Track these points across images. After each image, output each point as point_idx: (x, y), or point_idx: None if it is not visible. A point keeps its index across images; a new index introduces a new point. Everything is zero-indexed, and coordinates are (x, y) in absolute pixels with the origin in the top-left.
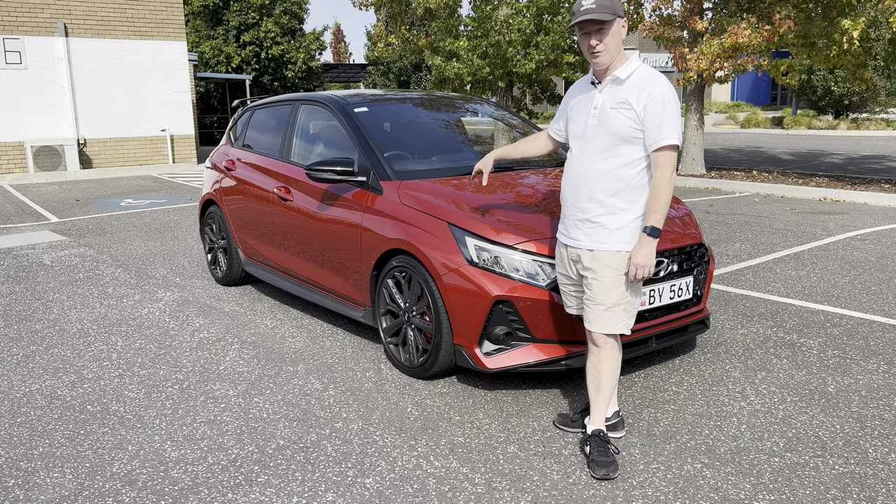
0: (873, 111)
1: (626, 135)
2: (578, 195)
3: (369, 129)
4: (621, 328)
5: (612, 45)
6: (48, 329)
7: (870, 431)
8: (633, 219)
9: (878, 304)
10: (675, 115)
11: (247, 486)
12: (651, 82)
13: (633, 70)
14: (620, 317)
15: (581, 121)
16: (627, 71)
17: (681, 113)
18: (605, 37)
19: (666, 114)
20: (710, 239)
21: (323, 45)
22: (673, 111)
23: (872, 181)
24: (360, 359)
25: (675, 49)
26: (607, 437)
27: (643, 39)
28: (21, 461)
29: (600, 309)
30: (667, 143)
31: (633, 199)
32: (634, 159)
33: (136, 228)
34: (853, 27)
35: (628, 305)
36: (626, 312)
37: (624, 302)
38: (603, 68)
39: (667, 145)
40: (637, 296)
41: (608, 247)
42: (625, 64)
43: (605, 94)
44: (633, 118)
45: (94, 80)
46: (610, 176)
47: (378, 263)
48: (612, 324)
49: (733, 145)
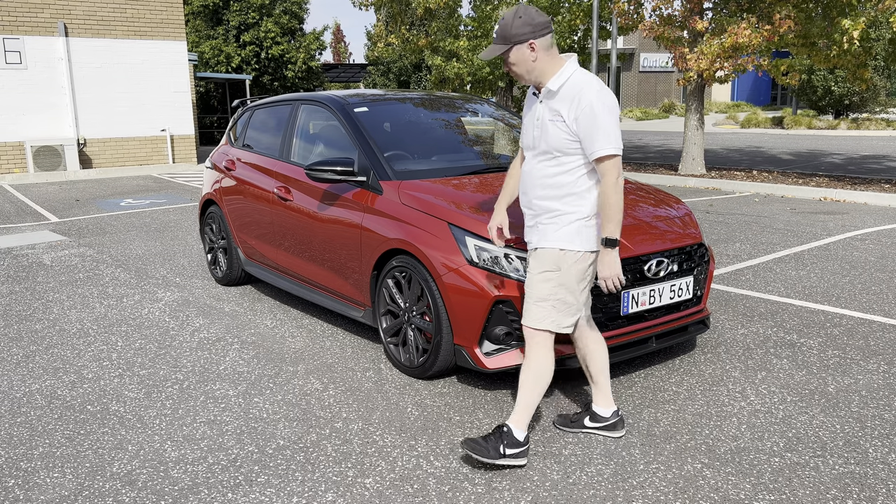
0: (873, 111)
1: (562, 147)
2: (529, 200)
3: (369, 129)
4: (548, 324)
5: (522, 67)
6: (48, 329)
7: (870, 431)
8: (575, 220)
9: (878, 304)
10: (607, 122)
11: (247, 486)
12: (580, 93)
13: (565, 80)
14: (548, 312)
15: (529, 132)
16: (559, 82)
17: (618, 116)
18: (510, 64)
19: (596, 124)
20: (710, 239)
21: (323, 45)
22: (604, 119)
23: (872, 181)
24: (360, 359)
25: (675, 49)
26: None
27: (643, 39)
28: (21, 461)
29: (529, 301)
30: (600, 154)
31: (577, 202)
32: (575, 166)
33: (136, 228)
34: (853, 27)
35: (559, 303)
36: (556, 310)
37: (553, 299)
38: (531, 85)
39: (601, 156)
40: (575, 298)
41: (547, 244)
42: (556, 75)
43: (544, 106)
44: (566, 130)
45: (94, 80)
46: (553, 182)
47: (378, 263)
48: (538, 318)
49: (733, 145)
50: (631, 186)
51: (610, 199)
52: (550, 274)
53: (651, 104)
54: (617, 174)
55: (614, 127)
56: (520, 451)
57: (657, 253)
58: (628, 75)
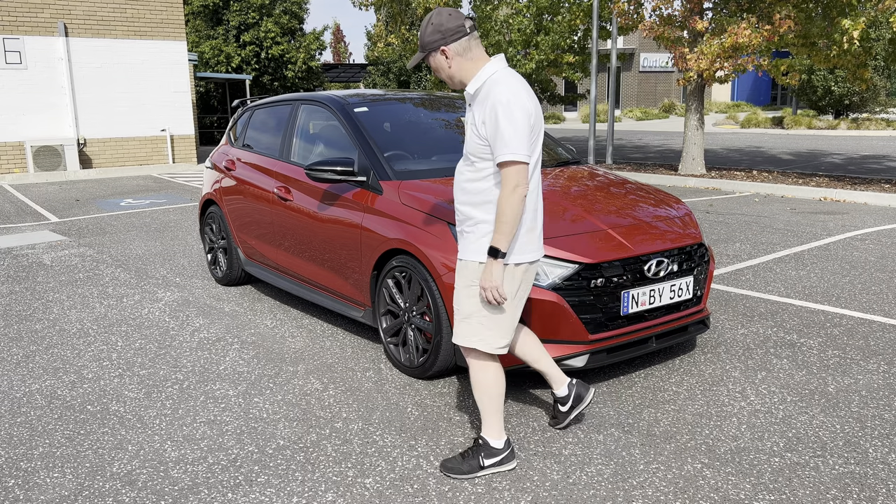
0: (873, 111)
1: (476, 151)
2: (455, 206)
3: (369, 129)
4: (476, 342)
5: (443, 73)
6: (48, 329)
7: (870, 431)
8: (489, 231)
9: (878, 304)
10: (509, 127)
11: (247, 486)
12: (489, 96)
13: (482, 83)
14: (476, 329)
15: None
16: (476, 85)
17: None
18: (433, 70)
19: (498, 129)
20: (710, 239)
21: (323, 45)
22: (506, 124)
23: (872, 181)
24: (360, 359)
25: (675, 49)
26: (482, 448)
27: (643, 39)
28: (21, 461)
29: (457, 318)
30: (499, 160)
31: (492, 210)
32: (490, 173)
33: (136, 228)
34: (853, 27)
35: (486, 320)
36: (484, 327)
37: (479, 315)
38: (455, 88)
39: (502, 162)
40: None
41: (468, 256)
42: (474, 78)
43: (469, 110)
44: (478, 135)
45: (94, 80)
46: (471, 188)
47: (378, 263)
48: (465, 335)
49: (733, 145)
50: (631, 186)
51: (503, 208)
52: (474, 289)
53: (651, 104)
54: (515, 184)
55: (517, 132)
56: (500, 458)
57: (657, 253)
58: (628, 75)
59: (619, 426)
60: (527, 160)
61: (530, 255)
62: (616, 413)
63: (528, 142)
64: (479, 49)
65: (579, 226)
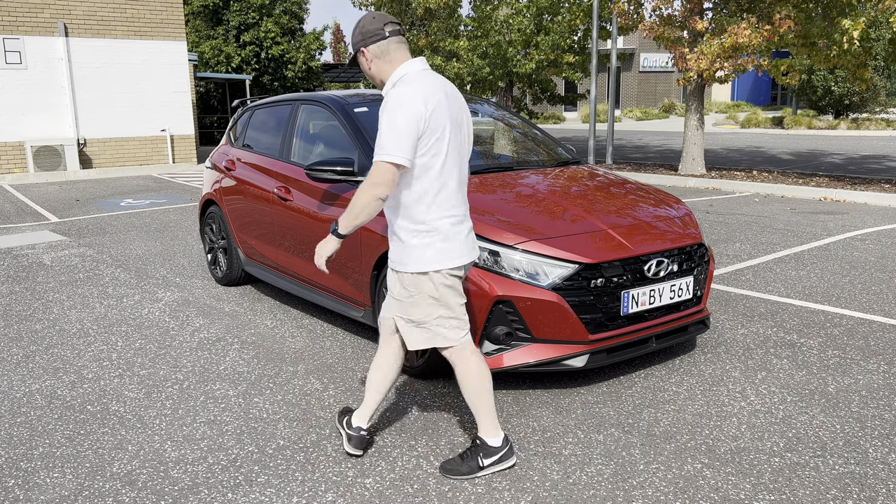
0: (873, 111)
1: None
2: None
3: (369, 129)
4: (440, 342)
5: (367, 74)
6: (48, 329)
7: (870, 431)
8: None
9: (878, 304)
10: (387, 128)
11: (247, 486)
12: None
13: (392, 86)
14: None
15: None
16: (387, 88)
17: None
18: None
19: (380, 128)
20: (710, 239)
21: (323, 45)
22: (385, 125)
23: (872, 181)
24: (360, 359)
25: (675, 49)
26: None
27: (643, 39)
28: (21, 461)
29: (408, 327)
30: (374, 157)
31: (409, 214)
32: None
33: (136, 228)
34: (853, 27)
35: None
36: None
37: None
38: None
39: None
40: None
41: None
42: (389, 79)
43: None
44: None
45: (94, 80)
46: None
47: (378, 263)
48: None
49: (733, 145)
50: (631, 186)
51: (356, 198)
52: (417, 297)
53: (651, 104)
54: (374, 181)
55: (395, 134)
56: (499, 456)
57: (657, 253)
58: (628, 75)
59: (619, 426)
60: (397, 161)
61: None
62: (616, 413)
63: (409, 145)
64: (400, 52)
65: (579, 226)
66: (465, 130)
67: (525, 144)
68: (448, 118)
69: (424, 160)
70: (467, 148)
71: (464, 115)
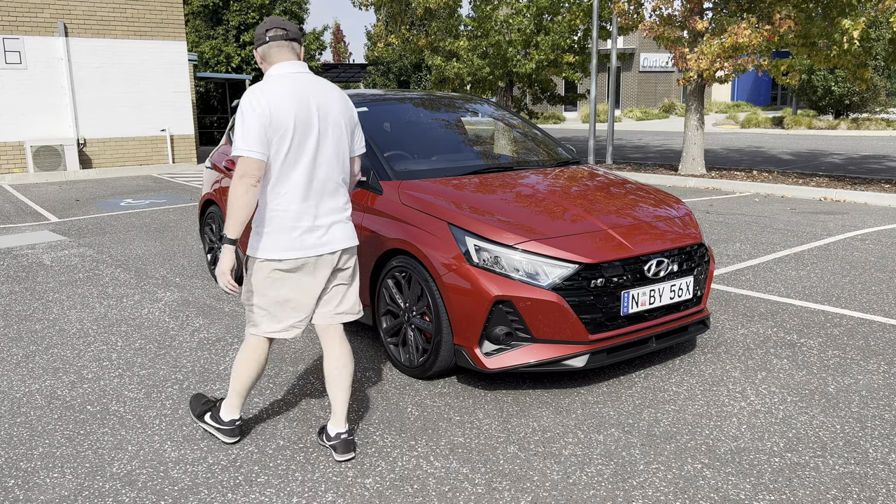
0: (873, 111)
1: None
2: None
3: (369, 129)
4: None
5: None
6: (48, 329)
7: (870, 431)
8: (256, 225)
9: (878, 304)
10: (239, 126)
11: (247, 486)
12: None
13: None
14: (248, 315)
15: None
16: None
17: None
18: None
19: (234, 126)
20: (710, 239)
21: (323, 45)
22: (238, 123)
23: (872, 181)
24: (360, 359)
25: (675, 49)
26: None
27: (643, 39)
28: (21, 461)
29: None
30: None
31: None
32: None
33: (136, 228)
34: (853, 27)
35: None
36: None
37: (247, 303)
38: None
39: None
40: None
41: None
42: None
43: None
44: None
45: (94, 80)
46: None
47: (378, 263)
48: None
49: (733, 145)
50: (631, 186)
51: (230, 194)
52: (248, 278)
53: (651, 104)
54: (240, 173)
55: (246, 131)
56: (217, 426)
57: (657, 253)
58: (628, 75)
59: (619, 426)
60: (252, 155)
61: (282, 253)
62: (616, 413)
63: (260, 140)
64: (279, 55)
65: (579, 226)
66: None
67: (525, 144)
68: (293, 119)
69: (270, 154)
70: (332, 149)
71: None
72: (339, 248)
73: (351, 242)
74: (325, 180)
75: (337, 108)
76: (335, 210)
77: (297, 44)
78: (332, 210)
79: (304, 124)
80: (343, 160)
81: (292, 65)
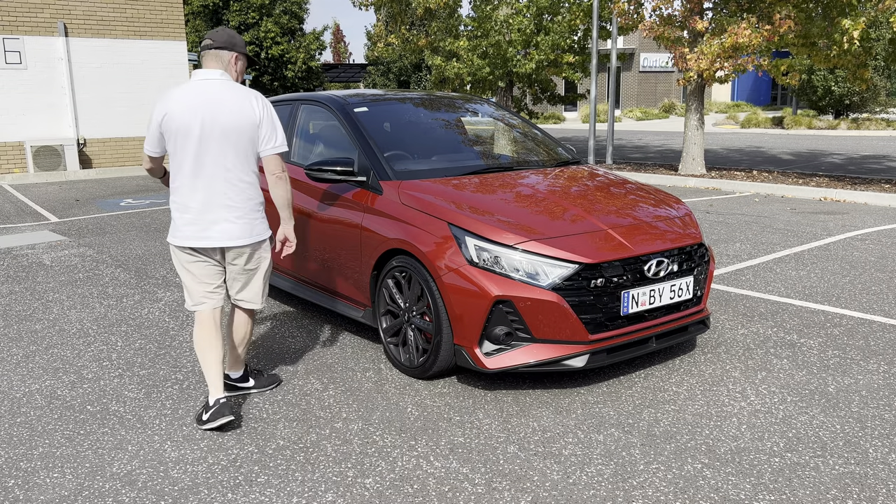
0: (873, 111)
1: None
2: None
3: (369, 129)
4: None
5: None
6: (48, 329)
7: (870, 431)
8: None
9: (878, 304)
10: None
11: (247, 486)
12: None
13: None
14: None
15: None
16: None
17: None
18: None
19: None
20: (710, 239)
21: (323, 45)
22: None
23: (872, 181)
24: (360, 359)
25: (675, 49)
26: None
27: (643, 39)
28: (21, 461)
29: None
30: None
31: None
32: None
33: (136, 228)
34: (853, 27)
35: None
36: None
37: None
38: None
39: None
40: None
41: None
42: None
43: None
44: None
45: (94, 79)
46: None
47: (378, 263)
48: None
49: (733, 145)
50: (631, 186)
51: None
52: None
53: (651, 104)
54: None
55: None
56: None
57: (657, 253)
58: (628, 75)
59: (619, 426)
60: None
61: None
62: (616, 413)
63: (151, 138)
64: (205, 63)
65: (579, 226)
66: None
67: (525, 144)
68: (178, 123)
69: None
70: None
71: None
72: (217, 245)
73: (231, 242)
74: (211, 179)
75: (229, 113)
76: (224, 208)
77: (227, 51)
78: (221, 207)
79: (186, 127)
80: (243, 162)
81: (206, 72)
